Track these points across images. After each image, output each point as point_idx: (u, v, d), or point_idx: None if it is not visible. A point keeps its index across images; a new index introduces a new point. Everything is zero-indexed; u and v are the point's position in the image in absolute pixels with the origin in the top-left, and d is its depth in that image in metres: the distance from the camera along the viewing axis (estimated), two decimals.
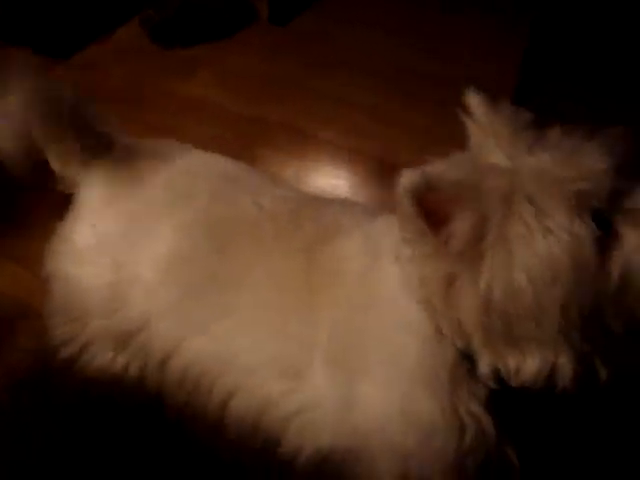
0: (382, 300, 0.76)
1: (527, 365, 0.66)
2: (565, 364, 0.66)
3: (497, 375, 0.68)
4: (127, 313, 0.86)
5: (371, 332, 0.77)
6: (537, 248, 0.63)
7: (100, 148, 0.92)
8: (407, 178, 0.62)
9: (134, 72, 1.68)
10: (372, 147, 1.50)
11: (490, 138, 0.70)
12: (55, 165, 0.91)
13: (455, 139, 1.42)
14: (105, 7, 1.83)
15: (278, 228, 0.86)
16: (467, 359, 0.70)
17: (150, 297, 0.85)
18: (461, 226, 0.63)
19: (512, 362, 0.67)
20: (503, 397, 0.71)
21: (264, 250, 0.85)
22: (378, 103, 1.56)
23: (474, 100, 0.74)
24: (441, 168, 0.65)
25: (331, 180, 1.49)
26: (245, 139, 1.53)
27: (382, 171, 1.46)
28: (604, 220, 0.64)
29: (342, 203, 0.95)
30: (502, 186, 0.64)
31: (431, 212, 0.63)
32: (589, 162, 0.65)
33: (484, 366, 0.68)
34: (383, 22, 1.85)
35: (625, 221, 0.66)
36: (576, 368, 0.66)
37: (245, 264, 0.84)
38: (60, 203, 0.94)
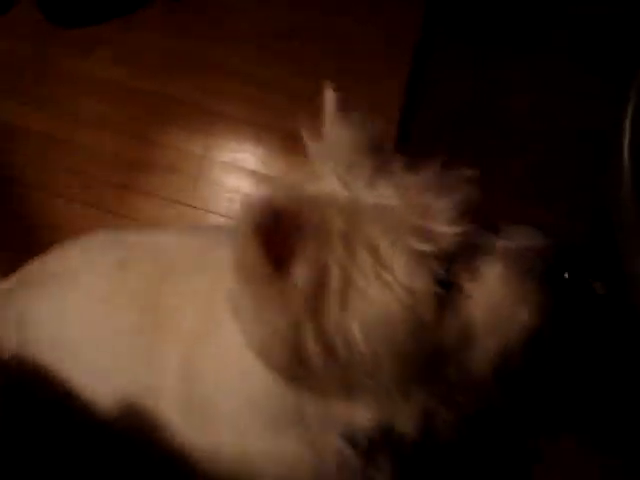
0: (220, 355, 0.72)
1: (359, 416, 0.64)
2: (402, 417, 0.64)
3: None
4: None
5: (216, 384, 0.74)
6: (373, 302, 0.58)
7: None
8: (249, 204, 0.54)
9: (26, 51, 1.61)
10: (275, 119, 1.51)
11: (328, 159, 0.62)
12: None
13: (361, 106, 1.45)
14: None
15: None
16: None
17: None
18: (304, 267, 0.56)
19: (342, 411, 0.64)
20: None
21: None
22: (279, 76, 1.57)
23: (328, 102, 0.67)
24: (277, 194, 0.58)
25: (237, 154, 1.50)
26: (149, 117, 1.53)
27: (287, 141, 1.48)
28: (449, 273, 0.61)
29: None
30: (341, 225, 0.58)
31: (271, 249, 0.55)
32: (438, 210, 0.60)
33: (311, 411, 0.66)
34: None
35: (471, 277, 0.62)
36: (416, 419, 0.64)
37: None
38: None
